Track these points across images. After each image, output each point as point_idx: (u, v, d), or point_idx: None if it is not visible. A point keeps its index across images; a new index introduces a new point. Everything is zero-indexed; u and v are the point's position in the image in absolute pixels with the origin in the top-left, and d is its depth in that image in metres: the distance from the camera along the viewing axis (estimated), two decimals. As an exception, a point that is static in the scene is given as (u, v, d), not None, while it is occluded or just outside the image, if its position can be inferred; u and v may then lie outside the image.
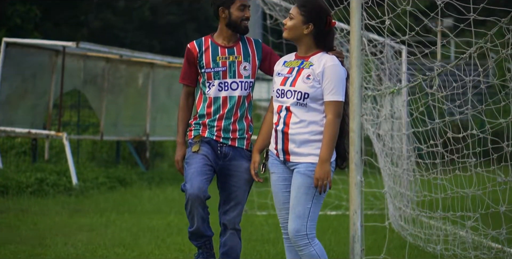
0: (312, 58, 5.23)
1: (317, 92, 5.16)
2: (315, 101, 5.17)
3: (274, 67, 5.38)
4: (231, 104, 5.43)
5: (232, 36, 5.49)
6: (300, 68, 5.23)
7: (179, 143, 5.53)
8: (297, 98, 5.17)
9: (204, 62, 5.44)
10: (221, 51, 5.45)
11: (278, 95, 5.25)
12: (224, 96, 5.43)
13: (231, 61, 5.44)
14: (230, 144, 5.47)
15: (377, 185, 11.70)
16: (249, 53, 5.49)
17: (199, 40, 5.53)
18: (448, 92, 6.63)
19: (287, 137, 5.20)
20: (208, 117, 5.46)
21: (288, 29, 5.26)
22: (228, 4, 5.42)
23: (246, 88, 5.47)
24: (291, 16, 5.26)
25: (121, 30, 33.06)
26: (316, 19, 5.21)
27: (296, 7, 5.27)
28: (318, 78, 5.15)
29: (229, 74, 5.43)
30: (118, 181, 14.47)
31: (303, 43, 5.27)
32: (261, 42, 5.58)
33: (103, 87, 15.69)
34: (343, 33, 8.57)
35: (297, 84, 5.17)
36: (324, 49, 5.26)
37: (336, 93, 5.14)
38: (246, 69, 5.46)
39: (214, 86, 5.43)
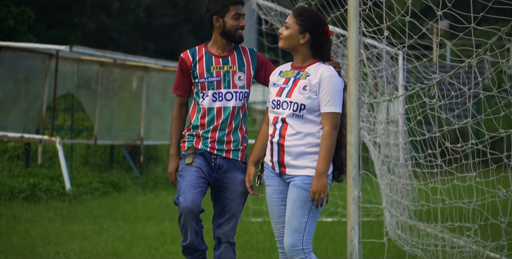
0: (309, 69, 5.11)
1: (314, 103, 5.04)
2: (311, 113, 5.05)
3: (270, 77, 5.26)
4: (225, 115, 5.31)
5: (226, 45, 5.37)
6: (296, 79, 5.11)
7: (172, 155, 5.41)
8: (293, 109, 5.05)
9: (198, 72, 5.32)
10: (215, 61, 5.33)
11: (273, 106, 5.13)
12: (218, 107, 5.31)
13: (226, 71, 5.32)
14: (224, 156, 5.34)
15: (373, 191, 11.59)
16: (244, 62, 5.37)
17: (193, 49, 5.41)
18: (447, 102, 6.50)
19: (283, 149, 5.08)
20: (202, 128, 5.34)
21: (284, 39, 5.15)
22: (222, 13, 5.29)
23: (241, 98, 5.34)
24: (287, 26, 5.14)
25: (116, 32, 32.92)
26: (313, 29, 5.09)
27: (292, 16, 5.15)
28: (314, 89, 5.03)
29: (224, 84, 5.31)
30: (112, 186, 14.32)
31: (299, 53, 5.15)
32: (256, 51, 5.46)
33: (96, 91, 15.56)
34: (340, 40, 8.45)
35: (293, 95, 5.06)
36: (320, 59, 5.14)
37: (333, 104, 5.02)
38: (241, 79, 5.34)
39: (208, 96, 5.31)
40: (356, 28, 4.29)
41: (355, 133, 4.50)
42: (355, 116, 4.46)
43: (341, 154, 5.20)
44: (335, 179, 5.21)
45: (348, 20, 4.28)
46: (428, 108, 6.70)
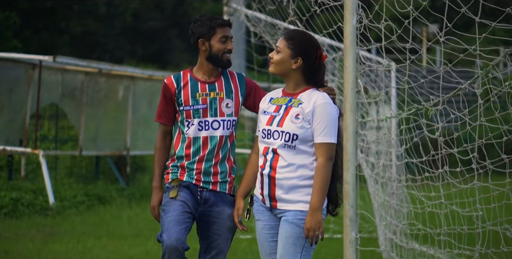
0: (301, 95, 4.78)
1: (307, 133, 4.70)
2: (304, 143, 4.72)
3: (260, 104, 4.92)
4: (212, 145, 4.96)
5: (213, 70, 5.02)
6: (288, 107, 4.77)
7: (155, 187, 5.05)
8: (285, 139, 4.71)
9: (182, 99, 4.97)
10: (201, 87, 4.98)
11: (264, 136, 4.79)
12: (204, 136, 4.96)
13: (212, 98, 4.96)
14: (211, 188, 4.99)
15: (365, 207, 11.26)
16: (232, 88, 5.02)
17: (177, 75, 5.06)
18: (445, 124, 6.19)
19: (274, 182, 4.74)
20: (187, 159, 4.98)
21: (274, 64, 4.81)
22: (208, 35, 4.94)
23: (229, 127, 4.99)
24: (278, 50, 4.80)
25: (103, 36, 32.51)
26: (306, 53, 4.76)
27: (283, 39, 4.81)
28: (308, 117, 4.69)
29: (210, 112, 4.96)
30: (97, 199, 13.97)
31: (291, 78, 4.82)
32: (244, 76, 5.12)
33: (82, 101, 15.17)
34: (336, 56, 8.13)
35: (285, 124, 4.72)
36: (314, 85, 4.81)
37: (328, 134, 4.68)
38: (229, 106, 4.99)
39: (193, 125, 4.96)
40: (353, 55, 3.96)
41: (352, 170, 4.15)
42: (352, 152, 4.11)
43: (336, 186, 4.87)
44: (329, 213, 4.88)
45: (344, 48, 3.95)
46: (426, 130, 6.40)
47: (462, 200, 6.29)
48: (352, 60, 3.96)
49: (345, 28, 3.93)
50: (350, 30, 3.93)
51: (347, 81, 3.99)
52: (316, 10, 6.24)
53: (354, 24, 3.93)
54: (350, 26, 3.93)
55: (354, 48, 3.94)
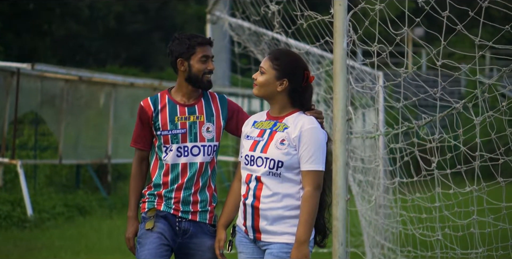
0: (287, 119, 4.46)
1: (293, 160, 4.39)
2: (290, 170, 4.40)
3: (242, 128, 4.60)
4: (191, 172, 4.63)
5: (192, 92, 4.69)
6: (273, 131, 4.46)
7: (130, 217, 4.73)
8: (269, 166, 4.39)
9: (160, 123, 4.63)
10: (180, 110, 4.65)
11: (247, 162, 4.47)
12: (183, 163, 4.62)
13: (192, 121, 4.64)
14: (190, 218, 4.66)
15: (352, 220, 10.94)
16: (213, 112, 4.70)
17: (154, 97, 4.73)
18: (438, 144, 5.88)
19: (258, 212, 4.42)
20: (165, 187, 4.65)
21: (259, 86, 4.49)
22: (187, 55, 4.62)
23: (210, 153, 4.67)
24: (262, 70, 4.48)
25: (86, 39, 32.07)
26: (292, 74, 4.44)
27: (268, 59, 4.49)
28: (294, 143, 4.38)
29: (190, 137, 4.63)
30: (77, 210, 13.60)
31: (276, 101, 4.50)
32: (226, 98, 4.80)
33: (61, 108, 14.77)
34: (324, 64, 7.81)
35: (270, 150, 4.40)
36: (301, 108, 4.50)
37: (315, 162, 4.37)
38: (210, 131, 4.67)
39: (172, 151, 4.62)
40: (343, 81, 3.64)
41: (342, 205, 3.82)
42: (342, 185, 3.78)
43: (323, 215, 4.56)
44: (317, 244, 4.57)
45: (334, 72, 3.63)
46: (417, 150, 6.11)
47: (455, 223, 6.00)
48: (342, 86, 3.64)
49: (334, 52, 3.61)
50: (340, 53, 3.61)
51: (336, 109, 3.67)
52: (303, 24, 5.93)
53: (345, 47, 3.61)
54: (340, 49, 3.61)
55: (344, 73, 3.62)
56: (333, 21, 3.84)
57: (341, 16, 3.60)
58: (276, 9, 6.75)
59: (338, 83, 3.65)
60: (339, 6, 3.59)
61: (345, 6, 3.60)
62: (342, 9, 3.60)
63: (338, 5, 3.59)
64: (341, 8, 3.60)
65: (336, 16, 3.59)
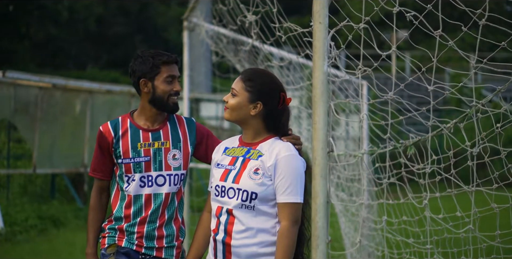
0: (262, 146, 4.02)
1: (268, 191, 3.95)
2: (265, 203, 3.96)
3: (212, 155, 4.16)
4: (156, 204, 4.19)
5: (157, 115, 4.24)
6: (246, 159, 4.02)
7: (89, 254, 4.28)
8: (242, 198, 3.95)
9: (121, 151, 4.19)
10: (143, 136, 4.20)
11: (217, 193, 4.03)
12: (147, 194, 4.18)
13: (157, 148, 4.19)
14: (155, 255, 4.21)
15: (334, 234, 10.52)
16: (180, 137, 4.25)
17: (115, 121, 4.28)
18: (427, 166, 5.47)
19: (230, 249, 3.98)
20: (127, 221, 4.20)
21: (230, 109, 4.05)
22: (151, 75, 4.17)
23: (176, 182, 4.23)
24: (234, 92, 4.05)
25: (66, 42, 31.51)
26: (266, 97, 4.01)
27: (240, 80, 4.06)
28: (269, 172, 3.94)
29: (154, 166, 4.19)
30: (51, 221, 13.11)
31: (250, 126, 4.06)
32: (195, 122, 4.36)
33: (35, 116, 14.28)
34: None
35: (242, 180, 3.96)
36: (276, 133, 4.06)
37: (293, 193, 3.93)
38: (176, 158, 4.23)
39: (134, 181, 4.18)
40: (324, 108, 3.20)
41: (322, 248, 3.37)
42: (322, 226, 3.34)
43: (302, 251, 4.13)
44: (294, 283, 4.13)
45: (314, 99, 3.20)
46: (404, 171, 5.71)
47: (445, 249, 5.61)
48: (322, 114, 3.20)
49: (314, 75, 3.18)
50: (320, 78, 3.18)
51: (316, 140, 3.24)
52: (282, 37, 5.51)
53: (325, 71, 3.17)
54: (320, 73, 3.18)
55: (325, 99, 3.19)
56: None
57: (321, 35, 3.16)
58: (254, 19, 6.31)
59: (318, 111, 3.21)
60: (319, 24, 3.15)
61: (326, 24, 3.17)
62: (323, 28, 3.16)
63: (318, 23, 3.15)
64: (322, 26, 3.16)
65: (315, 35, 3.15)
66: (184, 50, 9.88)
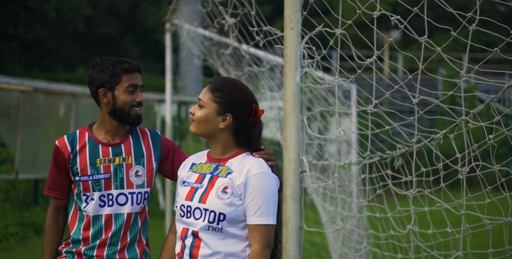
0: (231, 162, 3.68)
1: (238, 211, 3.60)
2: (234, 225, 3.62)
3: (178, 172, 3.82)
4: (117, 225, 3.83)
5: (118, 128, 3.89)
6: (214, 176, 3.67)
7: (44, 280, 3.92)
8: (209, 220, 3.60)
9: (78, 167, 3.83)
10: (103, 151, 3.85)
11: (182, 214, 3.69)
12: (107, 214, 3.83)
13: (117, 164, 3.84)
14: (116, 280, 3.86)
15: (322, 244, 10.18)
16: (143, 152, 3.90)
17: (72, 134, 3.92)
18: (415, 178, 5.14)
19: (196, 275, 3.63)
20: (85, 244, 3.85)
21: (197, 122, 3.70)
22: (111, 84, 3.82)
23: (139, 201, 3.87)
24: (201, 104, 3.70)
25: (54, 43, 31.10)
26: (236, 108, 3.66)
27: (207, 91, 3.71)
28: (238, 191, 3.60)
29: (115, 183, 3.83)
30: (32, 229, 12.75)
31: (218, 140, 3.71)
32: (160, 135, 4.00)
33: (17, 120, 13.88)
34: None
35: (209, 200, 3.61)
36: (247, 149, 3.71)
37: (264, 214, 3.58)
38: (139, 175, 3.87)
39: (93, 200, 3.82)
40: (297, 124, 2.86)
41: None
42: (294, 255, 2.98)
43: (276, 276, 3.78)
44: None
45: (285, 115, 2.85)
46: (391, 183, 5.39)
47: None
48: (295, 131, 2.85)
49: (285, 87, 2.83)
50: (292, 90, 2.83)
51: (288, 159, 2.89)
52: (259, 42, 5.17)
53: (298, 82, 2.83)
54: (291, 84, 2.83)
55: (298, 114, 2.84)
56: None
57: (293, 43, 2.81)
58: (232, 23, 5.96)
59: (290, 127, 2.86)
60: (291, 30, 2.81)
61: (299, 30, 2.82)
62: (295, 34, 2.82)
63: (290, 29, 2.81)
64: (294, 32, 2.81)
65: (287, 42, 2.80)
66: (167, 52, 9.54)
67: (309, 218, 9.54)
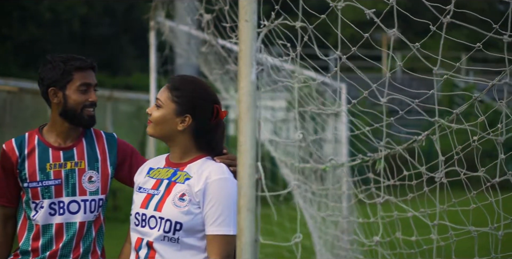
0: (190, 167, 3.40)
1: (196, 221, 3.32)
2: (192, 235, 3.33)
3: (135, 177, 3.54)
4: (69, 235, 3.55)
5: (70, 130, 3.61)
6: (172, 182, 3.39)
7: (-10, 295, 3.64)
8: (165, 229, 3.32)
9: (27, 173, 3.54)
10: (54, 155, 3.57)
11: (137, 223, 3.41)
12: (58, 223, 3.54)
13: (69, 170, 3.56)
14: (69, 295, 3.58)
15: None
16: (98, 156, 3.62)
17: (21, 137, 3.64)
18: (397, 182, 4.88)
19: (151, 290, 3.35)
20: (35, 255, 3.57)
21: (153, 123, 3.42)
22: (62, 83, 3.54)
23: (93, 209, 3.59)
24: (159, 103, 3.42)
25: (49, 43, 30.82)
26: (197, 109, 3.39)
27: (166, 89, 3.43)
28: (197, 199, 3.32)
29: (66, 190, 3.55)
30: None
31: (177, 143, 3.43)
32: (116, 137, 3.72)
33: (4, 122, 13.61)
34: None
35: (165, 208, 3.33)
36: (209, 153, 3.44)
37: (224, 223, 3.30)
38: (93, 181, 3.59)
39: (43, 208, 3.54)
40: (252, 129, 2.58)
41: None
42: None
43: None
44: None
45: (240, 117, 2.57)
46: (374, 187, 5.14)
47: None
48: (250, 133, 2.57)
49: (239, 86, 2.54)
50: (247, 89, 2.54)
51: (242, 164, 2.60)
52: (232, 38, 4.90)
53: (253, 80, 2.54)
54: (247, 83, 2.54)
55: (253, 116, 2.55)
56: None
57: (248, 37, 2.52)
58: (210, 18, 5.69)
59: (245, 129, 2.56)
60: (246, 22, 2.51)
61: (254, 23, 2.53)
62: (250, 27, 2.52)
63: (244, 21, 2.51)
64: (249, 25, 2.52)
65: (241, 36, 2.52)
66: (151, 51, 9.26)
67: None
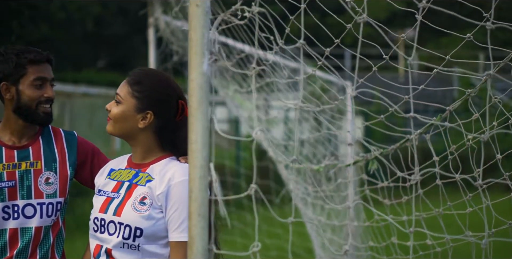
0: (153, 168, 3.13)
1: (157, 226, 3.05)
2: (153, 241, 3.06)
3: (95, 179, 3.28)
4: (24, 241, 3.29)
5: (25, 128, 3.35)
6: (133, 184, 3.13)
7: None
8: (124, 235, 3.05)
9: (-22, 174, 3.29)
10: (7, 155, 3.31)
11: (96, 228, 3.15)
12: (12, 228, 3.28)
13: (24, 170, 3.30)
14: (24, 305, 3.32)
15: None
16: (56, 156, 3.36)
17: (-28, 136, 3.39)
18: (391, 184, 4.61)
19: (109, 300, 3.09)
20: (-13, 263, 3.32)
21: (113, 120, 3.15)
22: (15, 77, 3.28)
23: (50, 213, 3.33)
24: (118, 99, 3.16)
25: (63, 43, 30.68)
26: (159, 105, 3.12)
27: (126, 84, 3.17)
28: (159, 203, 3.05)
29: (21, 193, 3.29)
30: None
31: (138, 142, 3.17)
32: (76, 135, 3.46)
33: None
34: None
35: (125, 212, 3.07)
36: (173, 152, 3.16)
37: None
38: (50, 182, 3.33)
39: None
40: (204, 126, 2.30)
41: None
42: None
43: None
44: None
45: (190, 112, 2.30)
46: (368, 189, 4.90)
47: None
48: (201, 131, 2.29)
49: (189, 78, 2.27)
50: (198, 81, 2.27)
51: (193, 165, 2.33)
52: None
53: (205, 71, 2.27)
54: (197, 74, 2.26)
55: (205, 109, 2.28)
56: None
57: (199, 23, 2.25)
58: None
59: (195, 126, 2.29)
60: (196, 7, 2.24)
61: (206, 8, 2.26)
62: (201, 13, 2.25)
63: (195, 6, 2.24)
64: (199, 11, 2.25)
65: (191, 23, 2.25)
66: (150, 48, 9.06)
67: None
